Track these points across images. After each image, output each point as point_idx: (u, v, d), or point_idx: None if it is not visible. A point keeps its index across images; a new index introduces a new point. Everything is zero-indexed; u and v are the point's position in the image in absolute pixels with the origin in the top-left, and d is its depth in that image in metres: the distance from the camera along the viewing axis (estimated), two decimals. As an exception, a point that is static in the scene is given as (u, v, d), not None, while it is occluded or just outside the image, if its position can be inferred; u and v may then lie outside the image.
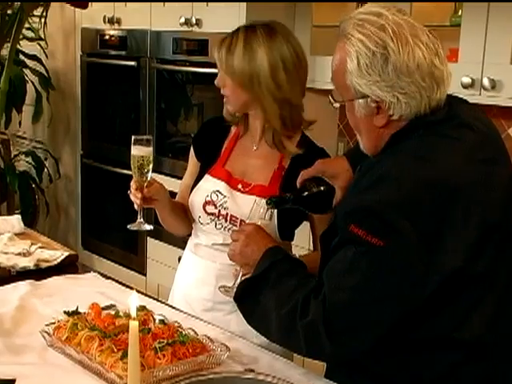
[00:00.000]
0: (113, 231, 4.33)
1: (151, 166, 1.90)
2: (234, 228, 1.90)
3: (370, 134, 1.46)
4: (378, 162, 1.44)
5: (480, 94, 2.69)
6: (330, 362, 1.57)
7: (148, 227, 1.96)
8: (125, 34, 4.05)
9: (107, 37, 4.16)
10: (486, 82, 2.65)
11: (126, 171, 4.10)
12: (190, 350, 1.53)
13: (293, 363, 1.66)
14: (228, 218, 1.92)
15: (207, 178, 1.96)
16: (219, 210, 1.92)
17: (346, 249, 1.36)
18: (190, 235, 2.08)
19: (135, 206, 1.96)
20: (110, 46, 4.16)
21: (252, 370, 1.51)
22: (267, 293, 1.49)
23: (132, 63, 3.99)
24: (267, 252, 1.56)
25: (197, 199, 1.97)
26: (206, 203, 1.94)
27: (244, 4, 3.28)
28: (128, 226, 1.99)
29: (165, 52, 3.80)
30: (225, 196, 1.92)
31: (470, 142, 1.41)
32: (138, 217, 1.96)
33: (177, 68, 3.75)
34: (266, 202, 1.64)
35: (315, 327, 1.36)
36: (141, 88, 3.99)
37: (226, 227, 1.93)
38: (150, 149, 1.90)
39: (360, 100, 1.41)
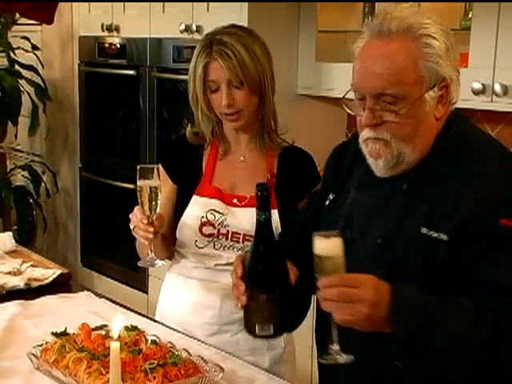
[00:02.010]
0: (113, 248, 4.35)
1: (160, 197, 1.85)
2: (237, 245, 1.91)
3: (431, 131, 1.48)
4: (443, 166, 1.45)
5: (492, 101, 2.70)
6: None
7: (160, 263, 1.91)
8: (124, 42, 4.08)
9: (106, 45, 4.20)
10: (497, 87, 2.65)
11: (127, 185, 4.13)
12: (182, 372, 1.54)
13: (291, 384, 1.67)
14: (229, 236, 1.93)
15: (196, 198, 1.95)
16: (218, 230, 1.92)
17: (506, 245, 1.35)
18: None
19: (143, 242, 1.88)
20: (109, 55, 4.20)
21: (246, 393, 1.52)
22: (440, 336, 1.34)
23: (131, 72, 4.02)
24: (398, 293, 1.35)
25: (190, 223, 1.94)
26: (203, 225, 1.93)
27: (246, 8, 3.30)
28: (139, 263, 1.94)
29: (165, 60, 3.83)
30: (222, 214, 1.92)
31: None
32: (150, 253, 1.88)
33: (178, 77, 3.77)
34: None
35: None
36: (141, 97, 4.02)
37: (226, 246, 1.93)
38: (158, 180, 1.85)
39: (431, 91, 1.44)
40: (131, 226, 1.88)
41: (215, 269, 1.95)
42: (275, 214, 1.91)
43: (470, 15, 2.82)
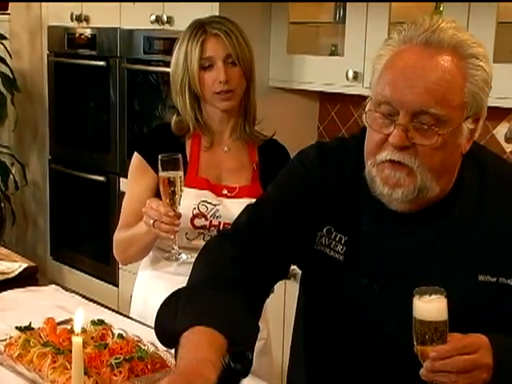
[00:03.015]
0: (83, 241, 4.32)
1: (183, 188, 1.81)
2: None
3: (454, 167, 1.32)
4: (464, 205, 1.34)
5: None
6: None
7: (185, 257, 1.85)
8: (94, 32, 4.04)
9: (75, 35, 4.16)
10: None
11: (97, 177, 4.10)
12: (149, 366, 1.54)
13: (258, 379, 1.65)
14: (221, 227, 1.91)
15: (186, 190, 1.91)
16: (210, 221, 1.91)
17: None
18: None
19: (167, 236, 1.80)
20: (79, 45, 4.15)
21: (214, 387, 1.51)
22: None
23: (102, 63, 3.99)
24: (500, 350, 1.24)
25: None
26: (195, 216, 1.91)
27: (217, 1, 3.28)
28: (165, 258, 1.88)
29: (136, 51, 3.80)
30: (214, 205, 1.91)
31: None
32: (175, 246, 1.83)
33: (149, 68, 3.74)
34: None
35: None
36: (111, 89, 3.98)
37: None
38: (181, 170, 1.80)
39: (466, 122, 1.27)
40: (149, 221, 1.79)
41: None
42: None
43: (441, 8, 2.84)
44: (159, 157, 1.79)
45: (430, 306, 1.21)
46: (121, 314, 2.01)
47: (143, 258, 2.02)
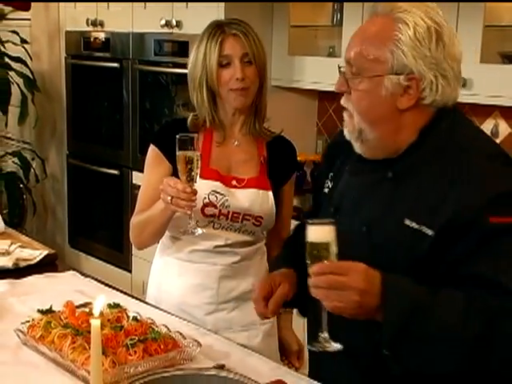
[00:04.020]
0: (99, 230, 4.32)
1: (199, 166, 1.76)
2: (235, 225, 1.89)
3: (390, 119, 1.38)
4: (432, 160, 1.37)
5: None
6: None
7: (200, 231, 1.79)
8: (108, 36, 4.03)
9: (91, 39, 4.14)
10: (456, 80, 2.65)
11: (111, 171, 4.09)
12: (162, 346, 1.52)
13: (265, 358, 1.65)
14: (229, 216, 1.90)
15: (199, 181, 1.88)
16: (220, 210, 1.89)
17: (499, 241, 1.28)
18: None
19: (184, 212, 1.75)
20: (94, 48, 4.14)
21: (222, 366, 1.50)
22: (429, 325, 1.27)
23: (115, 65, 3.98)
24: (390, 281, 1.29)
25: None
26: (205, 206, 1.88)
27: (222, 6, 3.27)
28: (181, 232, 1.82)
29: (147, 53, 3.78)
30: (224, 195, 1.89)
31: None
32: (191, 221, 1.77)
33: (159, 69, 3.73)
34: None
35: None
36: (124, 89, 3.97)
37: (224, 226, 1.91)
38: (198, 150, 1.76)
39: (392, 76, 1.35)
40: (167, 198, 1.74)
41: (214, 251, 1.92)
42: (270, 195, 1.94)
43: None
44: (177, 136, 1.75)
45: (316, 230, 1.31)
46: (134, 297, 2.00)
47: (157, 241, 2.00)
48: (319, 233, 1.31)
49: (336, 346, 1.32)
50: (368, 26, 1.41)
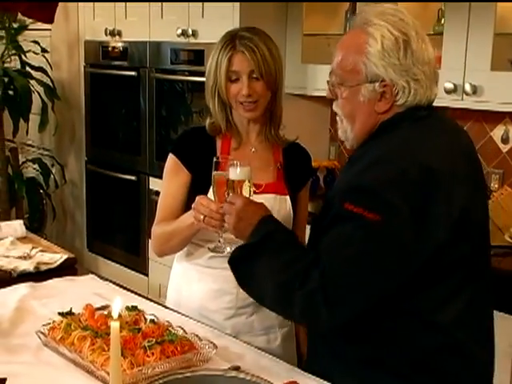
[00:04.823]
0: (117, 234, 4.33)
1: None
2: None
3: (367, 119, 1.50)
4: (368, 149, 1.49)
5: (462, 99, 2.69)
6: (321, 328, 1.53)
7: (229, 249, 1.75)
8: (126, 45, 4.05)
9: (109, 48, 4.17)
10: (467, 87, 2.65)
11: (129, 177, 4.11)
12: (179, 348, 1.53)
13: (279, 360, 1.65)
14: None
15: None
16: None
17: (342, 225, 1.39)
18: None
19: (214, 230, 1.76)
20: (112, 57, 4.17)
21: (237, 368, 1.51)
22: (263, 261, 1.49)
23: (133, 73, 4.00)
24: (263, 221, 1.56)
25: None
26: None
27: (237, 15, 3.28)
28: (211, 249, 1.81)
29: (164, 62, 3.80)
30: None
31: (450, 137, 1.51)
32: (221, 240, 1.77)
33: (175, 77, 3.75)
34: None
35: (314, 296, 1.39)
36: (141, 97, 3.99)
37: None
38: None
39: (367, 84, 1.46)
40: (199, 217, 1.75)
41: None
42: (288, 200, 1.95)
43: (443, 21, 2.81)
44: (214, 159, 1.75)
45: (233, 171, 1.67)
46: (151, 300, 2.01)
47: (180, 251, 2.00)
48: (238, 172, 1.66)
49: (228, 250, 1.69)
50: (346, 39, 1.52)
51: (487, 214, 1.58)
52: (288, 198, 1.95)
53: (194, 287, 1.98)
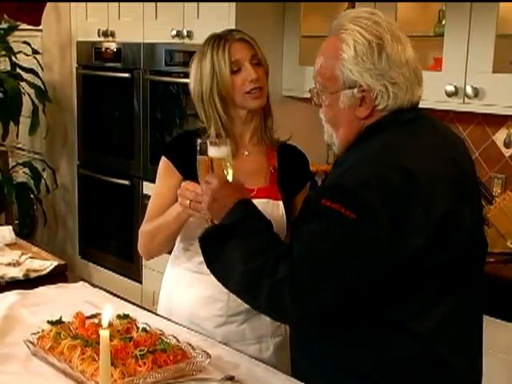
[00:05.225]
0: (109, 240, 4.33)
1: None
2: None
3: (350, 125, 1.52)
4: (352, 152, 1.52)
5: (463, 102, 2.70)
6: (285, 320, 1.58)
7: None
8: (119, 46, 4.06)
9: (102, 49, 4.17)
10: (469, 90, 2.66)
11: (122, 181, 4.11)
12: (171, 358, 1.53)
13: (274, 370, 1.65)
14: None
15: None
16: None
17: (318, 220, 1.41)
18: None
19: (203, 215, 1.75)
20: (105, 59, 4.17)
21: (232, 378, 1.51)
22: (235, 244, 1.50)
23: (126, 75, 4.00)
24: (238, 205, 1.56)
25: None
26: None
27: (233, 15, 3.29)
28: (199, 236, 1.75)
29: (158, 64, 3.81)
30: None
31: (437, 141, 1.51)
32: (209, 224, 1.73)
33: (170, 79, 3.75)
34: None
35: (282, 286, 1.39)
36: (135, 99, 4.00)
37: None
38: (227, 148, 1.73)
39: (346, 91, 1.47)
40: (185, 202, 1.78)
41: None
42: (280, 205, 1.95)
43: (444, 22, 2.82)
44: (198, 141, 1.75)
45: (212, 149, 1.68)
46: (144, 308, 2.01)
47: (166, 251, 2.00)
48: (215, 150, 1.68)
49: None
50: (324, 46, 1.54)
51: (479, 221, 1.58)
52: (281, 203, 1.95)
53: (185, 293, 1.99)
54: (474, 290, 1.53)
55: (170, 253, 2.09)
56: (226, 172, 1.69)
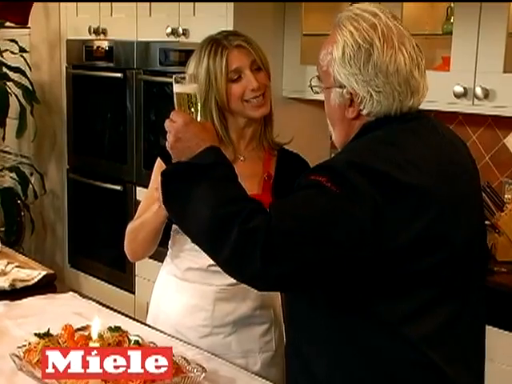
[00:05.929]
0: (101, 249, 4.33)
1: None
2: None
3: (342, 124, 1.55)
4: (346, 147, 1.55)
5: (473, 104, 2.71)
6: (243, 279, 1.46)
7: None
8: (111, 44, 4.06)
9: (93, 48, 4.18)
10: (478, 91, 2.66)
11: (114, 186, 4.12)
12: (165, 372, 1.53)
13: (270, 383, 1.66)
14: None
15: None
16: None
17: (305, 190, 1.44)
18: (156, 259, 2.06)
19: None
20: (96, 58, 4.18)
21: (228, 393, 1.51)
22: (205, 187, 1.46)
23: (119, 75, 4.01)
24: (212, 149, 1.53)
25: None
26: None
27: (231, 12, 3.30)
28: None
29: (152, 63, 3.81)
30: None
31: (435, 140, 1.51)
32: None
33: (165, 79, 3.75)
34: None
35: (254, 235, 1.36)
36: (128, 100, 4.00)
37: None
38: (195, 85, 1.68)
39: (337, 89, 1.51)
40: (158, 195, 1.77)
41: (208, 270, 1.93)
42: None
43: (452, 20, 2.83)
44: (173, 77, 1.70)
45: (179, 85, 1.64)
46: (136, 320, 2.01)
47: (151, 250, 2.00)
48: (183, 86, 1.64)
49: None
50: (328, 38, 1.54)
51: (478, 229, 1.57)
52: None
53: (172, 300, 2.02)
54: (472, 302, 1.53)
55: (162, 261, 2.11)
56: (193, 110, 1.63)
